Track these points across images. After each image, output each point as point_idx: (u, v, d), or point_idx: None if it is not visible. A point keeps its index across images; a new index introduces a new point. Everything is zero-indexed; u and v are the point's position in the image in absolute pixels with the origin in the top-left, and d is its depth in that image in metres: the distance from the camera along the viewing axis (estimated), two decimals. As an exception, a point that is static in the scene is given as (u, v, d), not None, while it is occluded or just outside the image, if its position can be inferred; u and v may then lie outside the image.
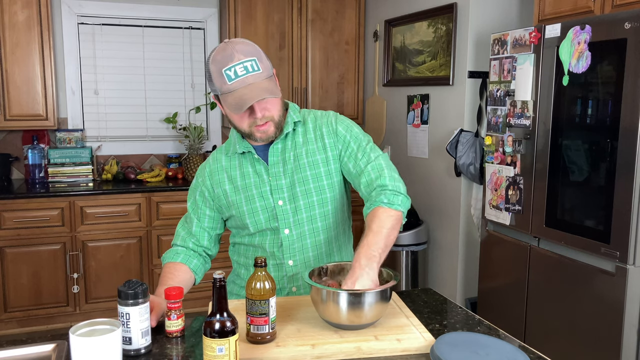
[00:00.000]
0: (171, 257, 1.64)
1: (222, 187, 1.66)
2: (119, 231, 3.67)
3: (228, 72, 1.45)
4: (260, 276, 1.28)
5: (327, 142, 1.62)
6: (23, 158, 3.93)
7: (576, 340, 2.41)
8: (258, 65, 1.46)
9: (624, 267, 2.16)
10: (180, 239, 1.69)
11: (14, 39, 3.55)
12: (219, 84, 1.47)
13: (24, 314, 3.55)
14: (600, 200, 2.27)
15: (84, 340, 1.10)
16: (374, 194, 1.54)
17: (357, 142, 1.62)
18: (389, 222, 1.47)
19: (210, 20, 4.29)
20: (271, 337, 1.30)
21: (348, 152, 1.61)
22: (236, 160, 1.66)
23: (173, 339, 1.36)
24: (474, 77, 3.24)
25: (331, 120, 1.65)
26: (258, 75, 1.46)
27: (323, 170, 1.62)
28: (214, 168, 1.68)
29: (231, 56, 1.45)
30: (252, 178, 1.63)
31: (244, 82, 1.44)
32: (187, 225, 1.70)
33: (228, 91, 1.46)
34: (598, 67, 2.24)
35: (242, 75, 1.44)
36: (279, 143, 1.62)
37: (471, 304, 3.31)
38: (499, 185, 2.82)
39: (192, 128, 4.04)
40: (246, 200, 1.63)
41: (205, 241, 1.69)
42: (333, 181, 1.63)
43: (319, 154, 1.62)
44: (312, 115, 1.68)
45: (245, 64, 1.45)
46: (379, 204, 1.50)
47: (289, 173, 1.61)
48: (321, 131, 1.64)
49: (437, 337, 1.31)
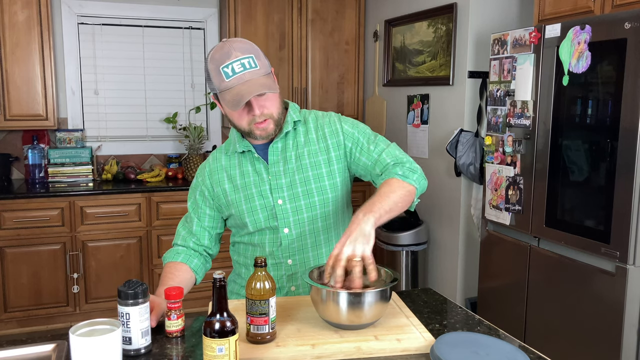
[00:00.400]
0: (172, 257, 1.64)
1: (221, 186, 1.66)
2: (119, 231, 3.67)
3: (225, 70, 1.45)
4: (260, 276, 1.28)
5: (329, 143, 1.62)
6: (23, 158, 3.93)
7: (576, 340, 2.41)
8: (255, 62, 1.47)
9: (624, 267, 2.16)
10: (181, 239, 1.69)
11: (14, 39, 3.55)
12: (217, 81, 1.47)
13: (24, 314, 3.55)
14: (600, 200, 2.26)
15: (84, 340, 1.09)
16: (390, 167, 1.54)
17: (366, 137, 1.62)
18: (400, 191, 1.47)
19: (210, 20, 4.29)
20: (271, 337, 1.30)
21: (359, 147, 1.61)
22: (236, 159, 1.66)
23: (173, 339, 1.36)
24: (474, 77, 3.24)
25: (334, 120, 1.66)
26: (255, 71, 1.46)
27: (325, 170, 1.62)
28: (213, 167, 1.69)
29: (228, 54, 1.45)
30: (251, 177, 1.63)
31: (241, 79, 1.44)
32: (187, 224, 1.70)
33: (226, 88, 1.46)
34: (598, 67, 2.24)
35: (239, 72, 1.44)
36: (279, 142, 1.62)
37: (471, 304, 3.31)
38: (499, 185, 2.82)
39: (192, 128, 4.04)
40: (245, 199, 1.63)
41: (205, 240, 1.69)
42: (335, 181, 1.63)
43: (321, 154, 1.62)
44: (313, 115, 1.68)
45: (243, 61, 1.45)
46: (393, 175, 1.51)
47: (290, 172, 1.61)
48: (323, 131, 1.64)
49: (437, 337, 1.31)
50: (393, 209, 1.43)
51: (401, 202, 1.46)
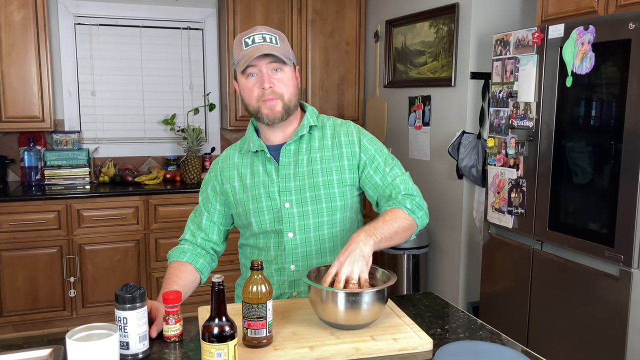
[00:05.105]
0: (177, 256, 1.63)
1: (231, 183, 1.66)
2: (116, 234, 3.64)
3: (246, 40, 1.52)
4: (257, 279, 1.28)
5: (344, 151, 1.62)
6: (19, 160, 3.90)
7: (580, 345, 2.40)
8: (277, 41, 1.53)
9: (629, 270, 2.16)
10: (189, 233, 1.68)
11: (9, 40, 3.53)
12: (236, 53, 1.53)
13: (20, 318, 3.52)
14: (604, 203, 2.26)
15: (80, 345, 1.09)
16: (400, 197, 1.56)
17: (383, 157, 1.64)
18: (402, 222, 1.49)
19: (208, 21, 4.27)
20: (268, 340, 1.29)
21: (374, 165, 1.62)
22: (248, 158, 1.66)
23: (171, 344, 1.36)
24: (476, 78, 3.24)
25: (352, 130, 1.66)
26: (274, 47, 1.51)
27: (336, 178, 1.61)
28: (225, 164, 1.69)
29: (254, 29, 1.54)
30: (261, 177, 1.63)
31: (257, 47, 1.50)
32: (197, 218, 1.71)
33: (242, 57, 1.51)
34: (602, 68, 2.24)
35: (258, 42, 1.50)
36: (292, 144, 1.62)
37: (473, 308, 3.30)
38: (501, 187, 2.81)
39: (191, 130, 4.02)
40: (253, 199, 1.62)
41: (214, 235, 1.68)
42: (344, 190, 1.62)
43: (334, 161, 1.62)
44: (332, 122, 1.68)
45: (265, 35, 1.52)
46: (401, 206, 1.52)
47: (300, 176, 1.60)
48: (339, 139, 1.64)
49: (438, 342, 1.31)
50: (393, 238, 1.46)
51: (402, 234, 1.49)
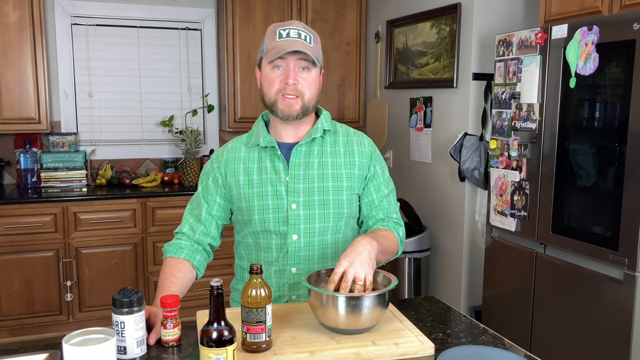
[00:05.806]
0: (174, 252, 1.60)
1: (235, 177, 1.63)
2: (113, 237, 3.62)
3: (281, 31, 1.52)
4: (256, 283, 1.27)
5: (357, 160, 1.64)
6: (15, 162, 3.88)
7: (583, 350, 2.39)
8: (311, 40, 1.54)
9: (633, 274, 2.15)
10: (188, 227, 1.65)
11: (5, 40, 3.50)
12: (268, 42, 1.53)
13: (16, 322, 3.50)
14: (608, 205, 2.25)
15: (77, 350, 1.09)
16: (392, 223, 1.65)
17: (385, 178, 1.70)
18: (393, 245, 1.58)
19: (207, 21, 4.25)
20: (267, 345, 1.28)
21: (376, 183, 1.67)
22: (256, 153, 1.63)
23: (169, 348, 1.35)
24: (479, 79, 3.22)
25: (365, 142, 1.69)
26: (307, 45, 1.52)
27: (346, 185, 1.61)
28: (230, 157, 1.66)
29: (290, 23, 1.55)
30: (269, 174, 1.60)
31: (291, 43, 1.50)
32: (195, 210, 1.67)
33: (273, 47, 1.50)
34: (606, 69, 2.23)
35: (293, 37, 1.51)
36: (304, 146, 1.61)
37: (475, 312, 3.28)
38: (504, 190, 2.79)
39: (189, 132, 4.00)
40: (258, 196, 1.60)
41: (213, 229, 1.66)
42: (352, 197, 1.63)
43: (345, 168, 1.62)
44: (344, 129, 1.70)
45: (300, 32, 1.53)
46: (395, 232, 1.62)
47: (309, 178, 1.59)
48: (352, 148, 1.65)
49: (440, 347, 1.32)
50: (385, 253, 1.51)
51: (387, 255, 1.55)
